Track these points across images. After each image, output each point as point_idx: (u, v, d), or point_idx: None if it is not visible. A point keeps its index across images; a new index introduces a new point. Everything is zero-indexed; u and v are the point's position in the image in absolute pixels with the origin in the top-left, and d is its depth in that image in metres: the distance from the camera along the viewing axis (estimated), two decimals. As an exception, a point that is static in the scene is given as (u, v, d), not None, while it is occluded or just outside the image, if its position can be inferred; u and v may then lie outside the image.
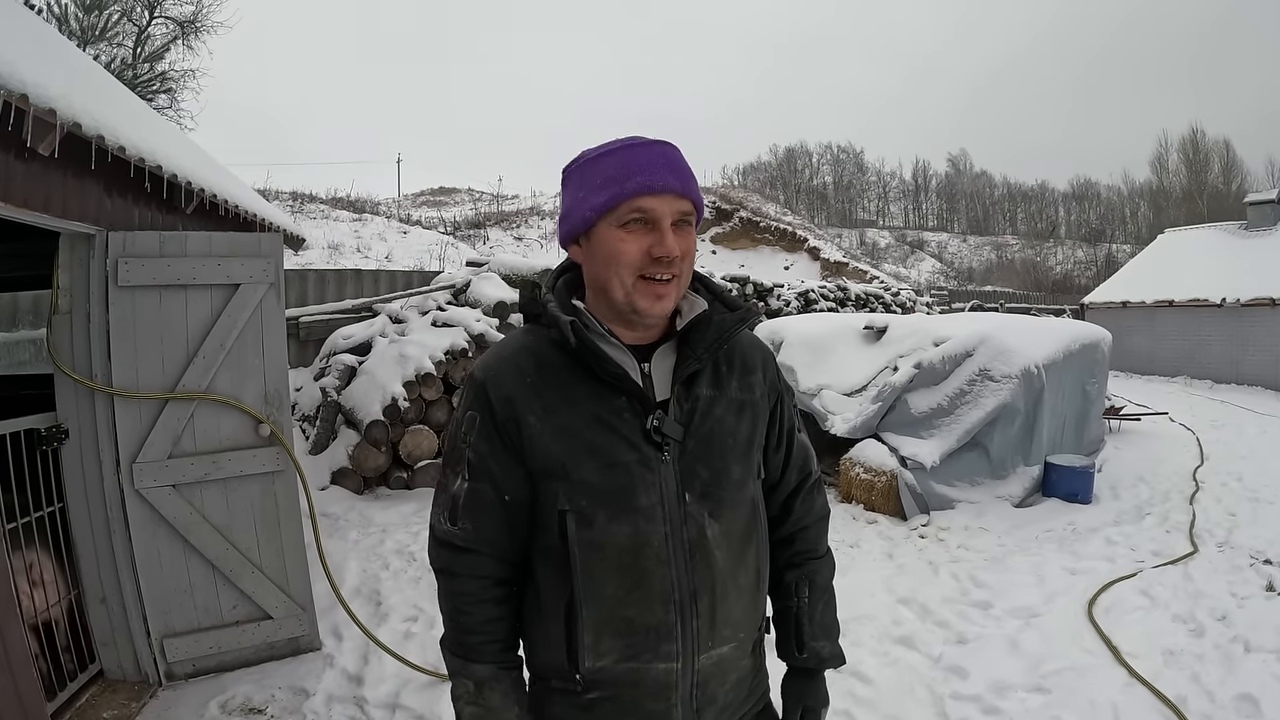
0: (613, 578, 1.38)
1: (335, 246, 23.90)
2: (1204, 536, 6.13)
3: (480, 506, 1.45)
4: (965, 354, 7.42)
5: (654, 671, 1.41)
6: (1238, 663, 3.96)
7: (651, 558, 1.39)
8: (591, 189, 1.38)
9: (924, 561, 5.70)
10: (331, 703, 3.74)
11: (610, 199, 1.36)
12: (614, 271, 1.38)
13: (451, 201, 42.40)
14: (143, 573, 3.80)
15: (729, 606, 1.46)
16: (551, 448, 1.39)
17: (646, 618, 1.39)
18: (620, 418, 1.40)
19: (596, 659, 1.39)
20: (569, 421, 1.40)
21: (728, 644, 1.47)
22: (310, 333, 9.58)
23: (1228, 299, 19.26)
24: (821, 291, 18.08)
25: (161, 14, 19.40)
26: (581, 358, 1.39)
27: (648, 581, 1.38)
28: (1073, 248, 58.55)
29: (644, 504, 1.39)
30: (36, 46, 3.51)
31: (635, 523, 1.38)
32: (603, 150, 1.42)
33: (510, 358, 1.46)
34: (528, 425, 1.40)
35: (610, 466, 1.38)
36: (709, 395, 1.47)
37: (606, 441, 1.39)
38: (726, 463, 1.47)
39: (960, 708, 3.66)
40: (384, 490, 7.73)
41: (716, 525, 1.44)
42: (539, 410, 1.40)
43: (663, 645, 1.40)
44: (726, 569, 1.45)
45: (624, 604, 1.38)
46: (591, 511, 1.38)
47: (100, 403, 3.72)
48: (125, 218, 3.87)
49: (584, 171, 1.42)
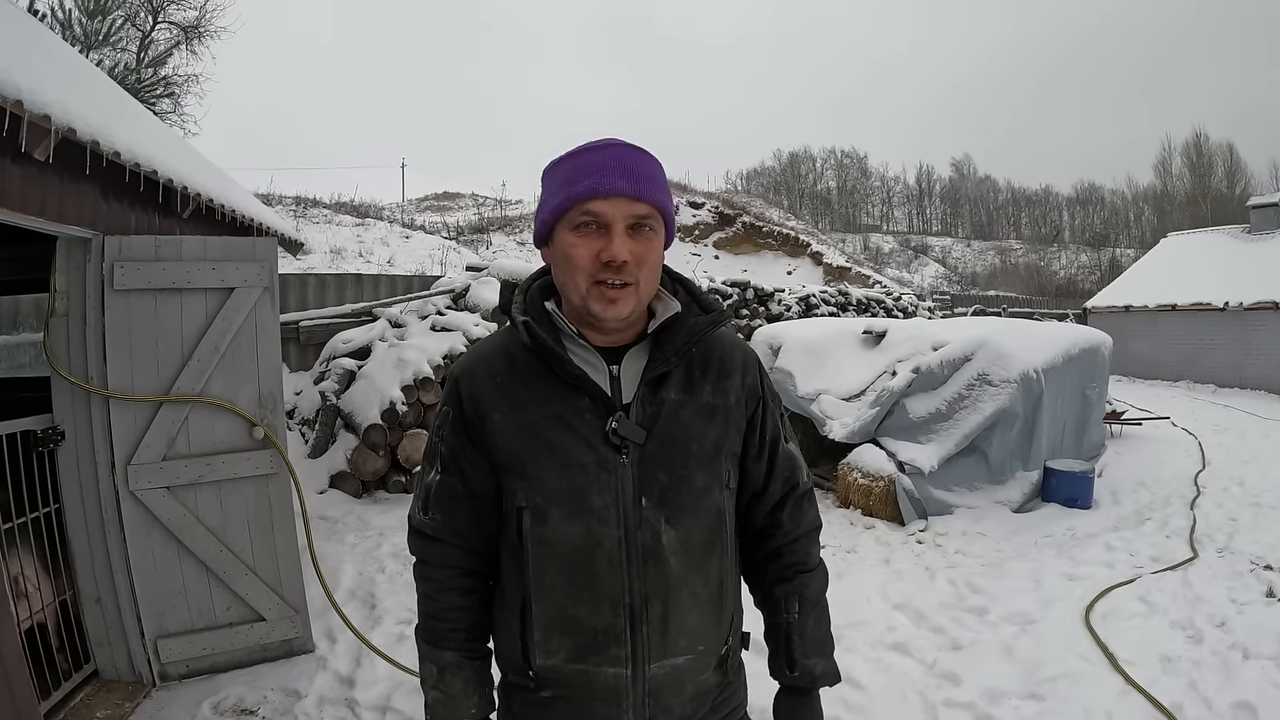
0: (563, 576, 1.40)
1: (338, 251, 23.89)
2: (1204, 542, 6.11)
3: (449, 498, 1.49)
4: (964, 358, 7.41)
5: (603, 675, 1.41)
6: (1236, 670, 3.94)
7: (603, 559, 1.39)
8: (550, 193, 1.40)
9: (921, 567, 5.69)
10: (323, 705, 3.74)
11: (561, 203, 1.37)
12: (569, 275, 1.38)
13: (455, 206, 42.42)
14: (137, 574, 3.81)
15: (683, 616, 1.44)
16: (512, 444, 1.42)
17: (595, 620, 1.39)
18: (581, 418, 1.40)
19: (547, 656, 1.41)
20: (532, 420, 1.41)
21: (683, 654, 1.45)
22: (311, 337, 9.58)
23: (1231, 303, 19.23)
24: (823, 296, 18.04)
25: (165, 19, 19.47)
26: (548, 357, 1.41)
27: (597, 583, 1.39)
28: (1076, 252, 58.46)
29: (597, 505, 1.39)
30: (34, 52, 3.53)
31: (588, 523, 1.39)
32: (563, 155, 1.42)
33: (484, 356, 1.50)
34: (491, 421, 1.43)
35: (567, 466, 1.39)
36: (676, 400, 1.46)
37: (564, 441, 1.40)
38: (689, 469, 1.45)
39: (953, 715, 3.65)
40: (382, 494, 7.74)
41: (673, 532, 1.42)
42: (504, 408, 1.43)
43: (611, 649, 1.40)
44: (680, 577, 1.43)
45: (574, 603, 1.40)
46: (546, 509, 1.40)
47: (96, 405, 3.73)
48: (121, 222, 3.88)
49: (547, 177, 1.43)
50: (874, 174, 75.07)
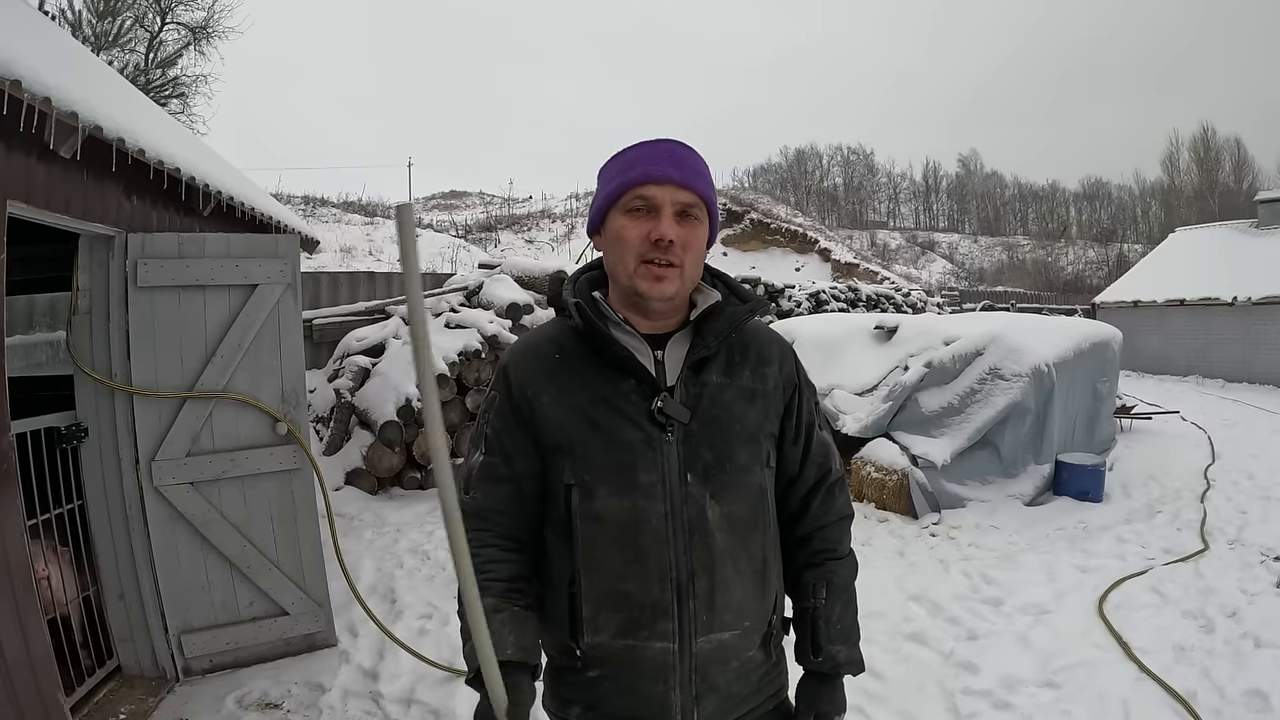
0: (611, 551, 1.43)
1: (347, 249, 24.00)
2: (1215, 534, 6.13)
3: (491, 478, 1.53)
4: (976, 353, 7.43)
5: (650, 651, 1.43)
6: (1248, 658, 3.97)
7: (650, 535, 1.42)
8: (606, 182, 1.50)
9: (935, 559, 5.71)
10: (347, 698, 3.78)
11: (616, 189, 1.46)
12: (620, 255, 1.46)
13: (463, 205, 42.53)
14: (161, 569, 3.85)
15: (729, 590, 1.47)
16: (561, 424, 1.47)
17: (643, 594, 1.42)
18: (627, 399, 1.46)
19: (595, 633, 1.44)
20: (579, 401, 1.47)
21: (729, 630, 1.47)
22: (323, 335, 9.64)
23: (1239, 298, 19.20)
24: (832, 292, 18.09)
25: (173, 20, 19.52)
26: (592, 342, 1.47)
27: (645, 557, 1.42)
28: (1084, 248, 58.24)
29: (644, 481, 1.43)
30: (56, 52, 3.57)
31: (635, 499, 1.43)
32: (620, 150, 1.53)
33: (534, 344, 1.57)
34: (540, 404, 1.49)
35: (613, 444, 1.45)
36: (718, 382, 1.51)
37: (611, 420, 1.46)
38: (731, 447, 1.50)
39: (971, 703, 3.67)
40: (398, 490, 7.78)
41: (718, 507, 1.46)
42: (553, 391, 1.49)
43: (659, 623, 1.43)
44: (726, 551, 1.46)
45: (622, 578, 1.43)
46: (594, 485, 1.44)
47: (119, 402, 3.77)
48: (144, 220, 3.92)
49: (604, 170, 1.53)
50: (881, 170, 74.79)
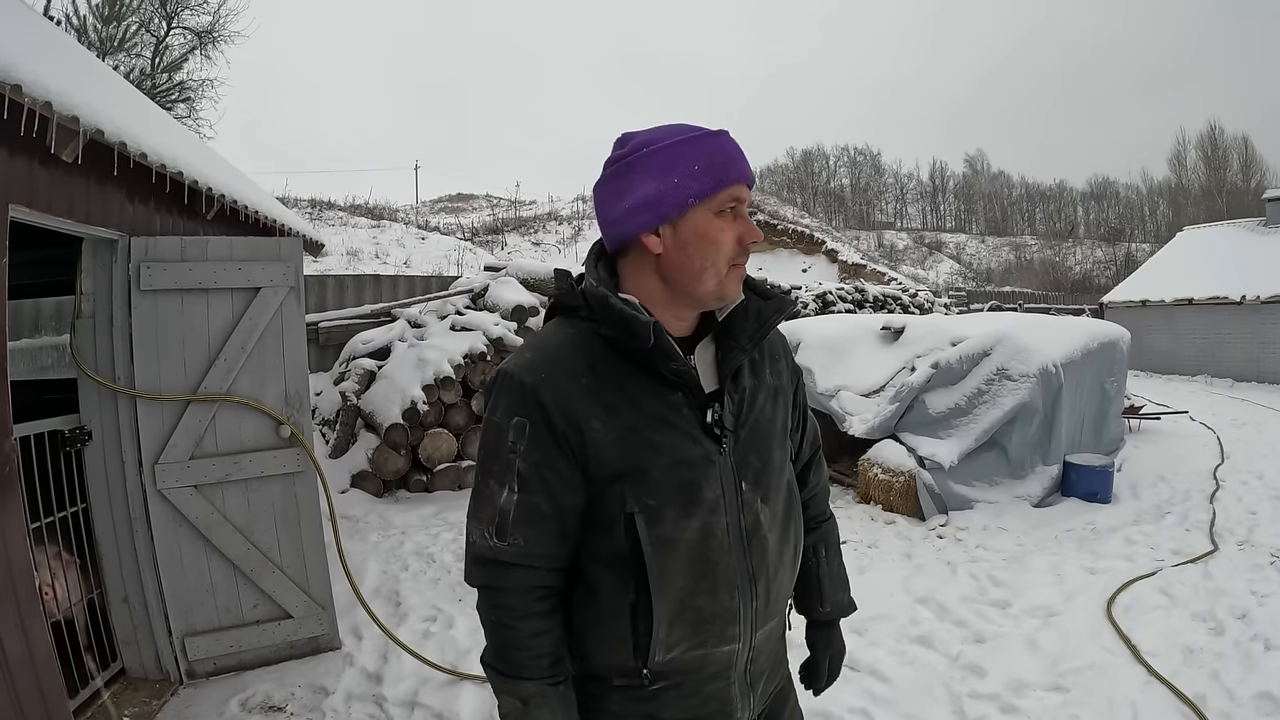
0: (683, 571, 1.38)
1: (354, 253, 24.01)
2: (1224, 535, 6.09)
3: (533, 519, 1.37)
4: (983, 353, 7.40)
5: (719, 654, 1.44)
6: (1258, 661, 3.94)
7: (717, 548, 1.40)
8: (688, 174, 1.34)
9: (942, 561, 5.68)
10: (351, 701, 3.78)
11: (713, 186, 1.34)
12: (711, 259, 1.36)
13: (469, 207, 42.56)
14: (164, 572, 3.85)
15: (780, 583, 1.51)
16: (617, 451, 1.35)
17: (714, 606, 1.40)
18: (679, 414, 1.39)
19: (667, 651, 1.38)
20: (632, 422, 1.36)
21: (775, 617, 1.54)
22: (330, 338, 9.65)
23: (1247, 296, 19.13)
24: (839, 293, 18.04)
25: (179, 24, 19.55)
26: (639, 355, 1.35)
27: (715, 572, 1.40)
28: (1092, 247, 58.06)
29: (709, 498, 1.39)
30: (58, 56, 3.57)
31: (702, 517, 1.38)
32: (685, 135, 1.37)
33: (557, 358, 1.39)
34: (591, 430, 1.34)
35: (677, 464, 1.37)
36: (752, 384, 1.50)
37: (671, 440, 1.37)
38: (771, 449, 1.51)
39: (978, 706, 3.65)
40: (403, 493, 7.79)
41: (767, 510, 1.47)
42: (601, 414, 1.35)
43: (728, 629, 1.42)
44: (776, 550, 1.49)
45: (694, 594, 1.39)
46: (661, 510, 1.36)
47: (123, 405, 3.78)
48: (147, 223, 3.92)
49: (670, 155, 1.36)
50: (887, 171, 74.69)
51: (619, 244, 1.43)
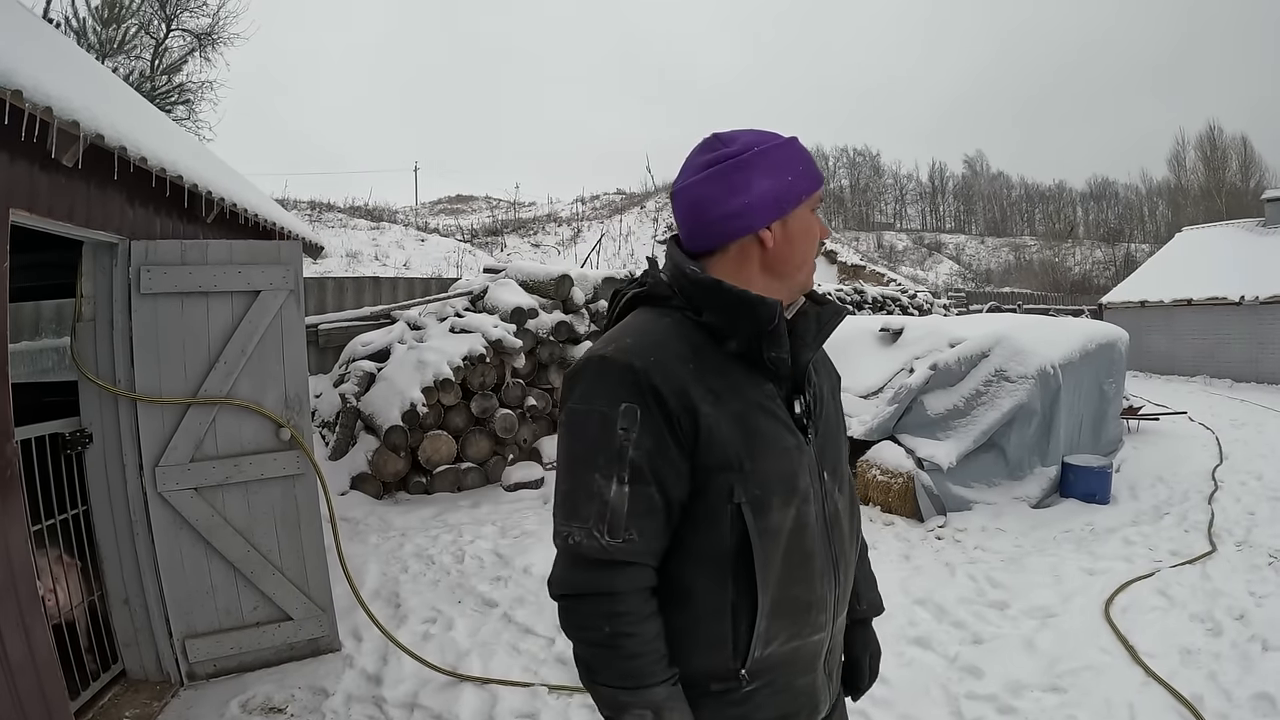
0: (783, 561, 1.38)
1: (353, 255, 24.04)
2: (1223, 536, 6.10)
3: (647, 512, 1.31)
4: (981, 355, 7.42)
5: (809, 645, 1.45)
6: (1255, 662, 3.95)
7: (810, 537, 1.42)
8: (797, 174, 1.42)
9: (941, 563, 5.69)
10: (351, 702, 3.79)
11: (813, 185, 1.44)
12: (807, 251, 1.46)
13: (469, 209, 42.58)
14: (165, 574, 3.86)
15: (852, 570, 1.57)
16: (728, 438, 1.32)
17: (809, 594, 1.42)
18: (775, 403, 1.40)
19: (766, 646, 1.37)
20: (739, 409, 1.35)
21: (847, 606, 1.59)
22: (329, 340, 9.64)
23: (1246, 297, 19.13)
24: (838, 294, 18.04)
25: (178, 27, 19.57)
26: (741, 343, 1.36)
27: (810, 561, 1.42)
28: (1091, 248, 58.02)
29: (803, 487, 1.41)
30: (58, 60, 3.58)
31: (799, 505, 1.40)
32: (778, 138, 1.45)
33: (663, 341, 1.35)
34: (704, 415, 1.31)
35: (779, 453, 1.38)
36: (816, 381, 1.53)
37: (771, 428, 1.38)
38: (839, 441, 1.57)
39: (975, 707, 3.66)
40: (403, 495, 7.80)
41: (842, 499, 1.52)
42: (709, 399, 1.32)
43: (819, 617, 1.45)
44: (849, 537, 1.54)
45: (791, 584, 1.39)
46: (766, 499, 1.34)
47: (123, 408, 3.79)
48: (147, 227, 3.94)
49: (779, 155, 1.41)
50: (887, 172, 74.59)
51: (727, 239, 1.42)
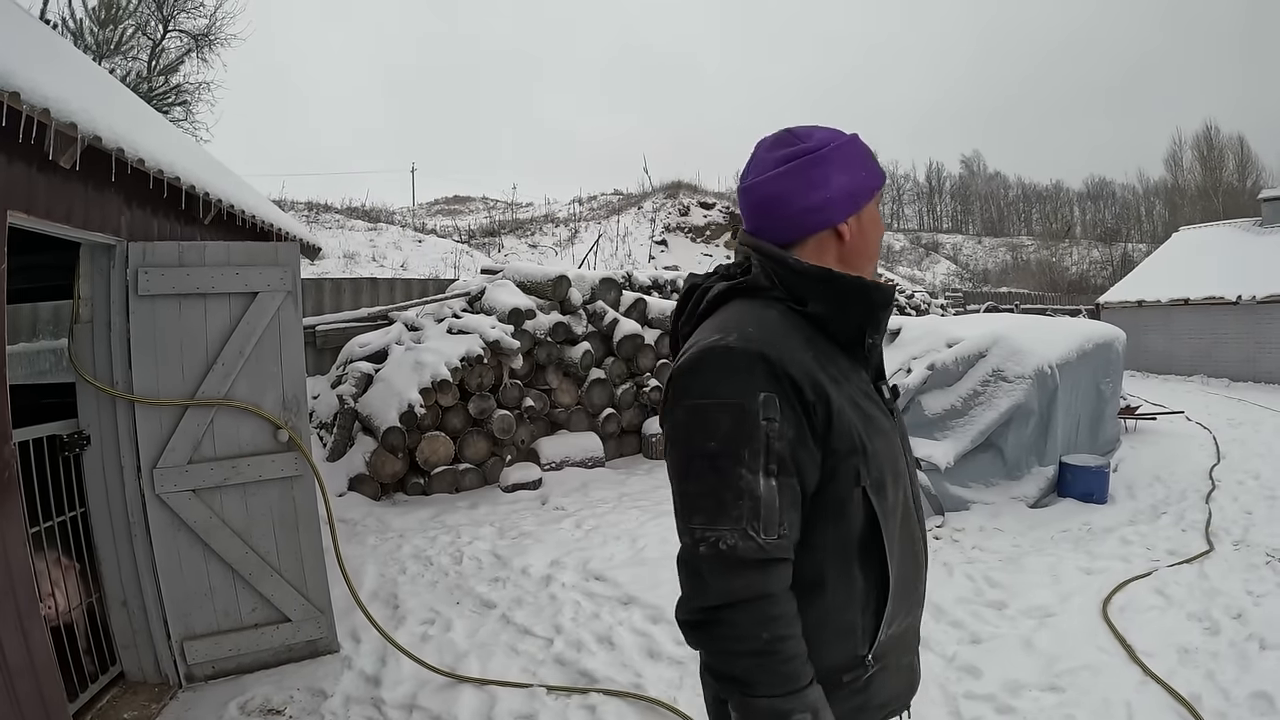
0: (900, 543, 1.41)
1: (351, 256, 23.98)
2: (1220, 535, 6.11)
3: (793, 505, 1.26)
4: (978, 355, 7.43)
5: (913, 623, 1.50)
6: (1253, 660, 3.96)
7: (911, 516, 1.47)
8: (869, 170, 1.50)
9: (938, 563, 5.67)
10: (349, 704, 3.78)
11: (880, 180, 1.52)
12: (878, 244, 1.53)
13: (466, 210, 42.47)
14: (163, 576, 3.86)
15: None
16: (851, 422, 1.31)
17: (915, 573, 1.47)
18: (870, 387, 1.46)
19: (888, 628, 1.37)
20: (853, 394, 1.36)
21: None
22: (327, 341, 9.63)
23: (1243, 296, 19.14)
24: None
25: (175, 28, 19.58)
26: (843, 332, 1.40)
27: (912, 539, 1.46)
28: (1088, 247, 58.01)
29: (902, 469, 1.45)
30: (56, 61, 3.58)
31: (903, 485, 1.44)
32: (847, 135, 1.51)
33: (783, 329, 1.33)
34: (835, 400, 1.29)
35: (884, 435, 1.40)
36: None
37: (874, 410, 1.41)
38: (906, 426, 1.63)
39: (974, 707, 3.66)
40: (401, 496, 7.82)
41: (914, 483, 1.54)
42: (831, 385, 1.31)
43: (921, 593, 1.51)
44: (923, 517, 1.56)
45: (905, 563, 1.42)
46: (883, 481, 1.35)
47: (121, 409, 3.78)
48: (144, 228, 3.93)
49: (852, 151, 1.48)
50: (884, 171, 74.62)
51: (806, 232, 1.45)
